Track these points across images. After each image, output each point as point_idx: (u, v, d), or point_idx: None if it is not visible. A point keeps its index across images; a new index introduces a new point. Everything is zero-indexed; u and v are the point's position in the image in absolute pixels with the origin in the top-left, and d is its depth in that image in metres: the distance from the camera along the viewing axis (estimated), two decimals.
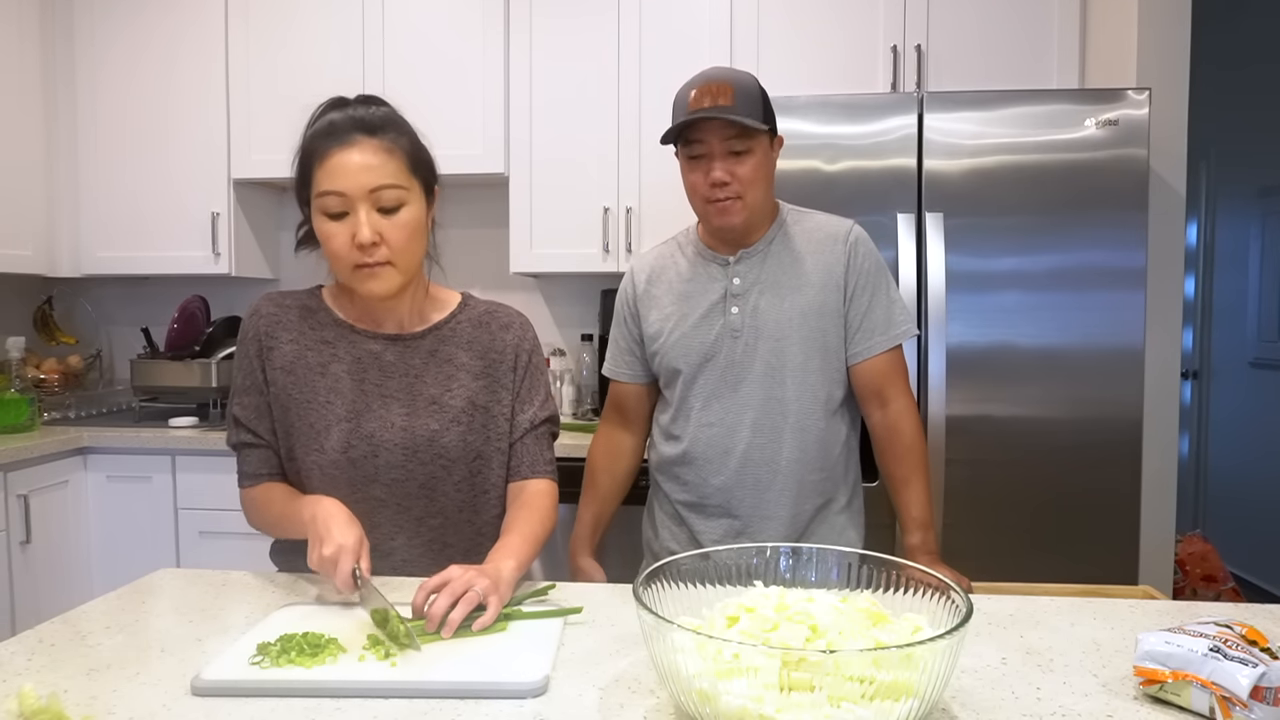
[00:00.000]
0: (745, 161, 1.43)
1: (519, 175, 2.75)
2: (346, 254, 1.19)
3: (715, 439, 1.52)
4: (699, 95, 1.41)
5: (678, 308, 1.55)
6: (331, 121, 1.21)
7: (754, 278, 1.51)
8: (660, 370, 1.58)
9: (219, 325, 2.86)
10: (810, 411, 1.50)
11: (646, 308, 1.58)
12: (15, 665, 0.95)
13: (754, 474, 1.51)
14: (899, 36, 2.57)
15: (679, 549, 1.55)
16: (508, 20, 2.74)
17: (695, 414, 1.53)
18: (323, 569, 1.07)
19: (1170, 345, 2.43)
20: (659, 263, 1.61)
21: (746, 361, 1.50)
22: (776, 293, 1.50)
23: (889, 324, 1.52)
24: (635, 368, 1.63)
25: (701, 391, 1.53)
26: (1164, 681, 0.84)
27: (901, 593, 0.91)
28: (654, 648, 0.79)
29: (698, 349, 1.52)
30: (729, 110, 1.39)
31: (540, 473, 1.33)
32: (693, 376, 1.53)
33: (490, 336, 1.34)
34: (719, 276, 1.53)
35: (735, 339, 1.50)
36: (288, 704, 0.86)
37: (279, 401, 1.27)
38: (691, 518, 1.57)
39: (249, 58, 2.83)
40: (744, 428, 1.50)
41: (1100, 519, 2.17)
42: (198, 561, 2.55)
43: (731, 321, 1.51)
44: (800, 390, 1.50)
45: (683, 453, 1.55)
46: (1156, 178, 2.40)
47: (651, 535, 1.67)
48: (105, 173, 2.91)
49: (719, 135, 1.42)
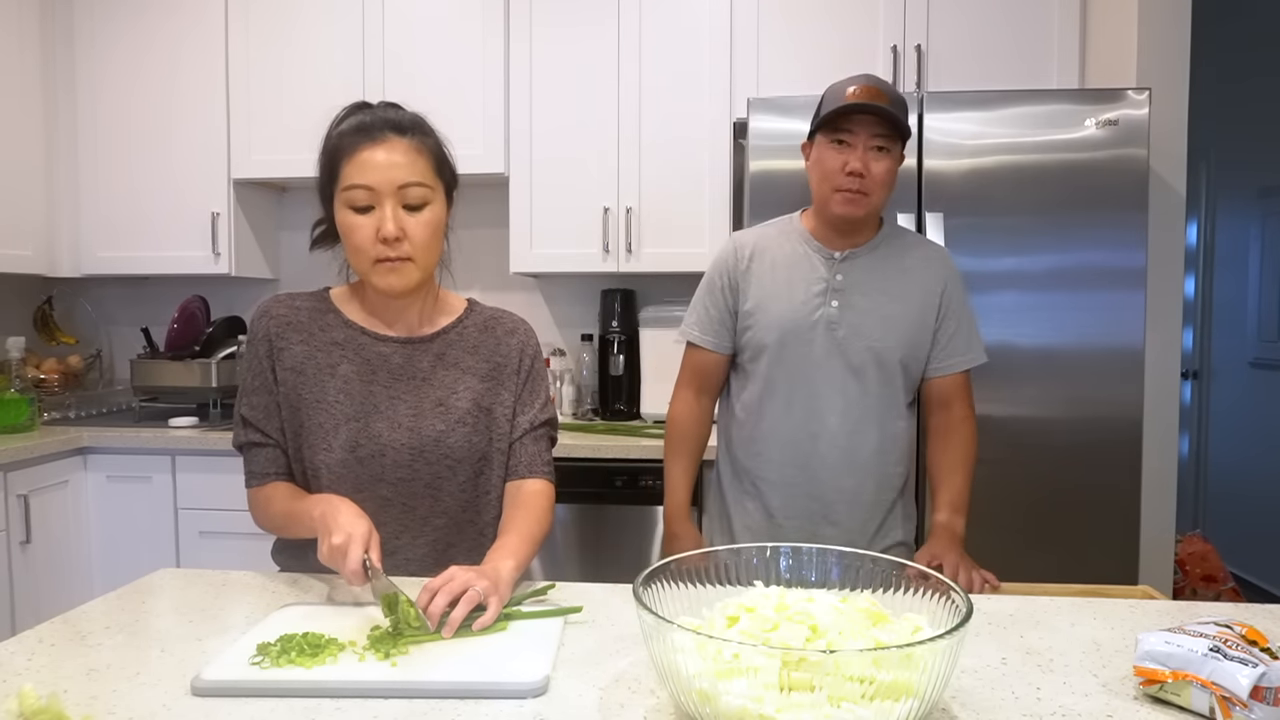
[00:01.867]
0: (883, 160, 1.52)
1: (519, 175, 2.75)
2: (369, 247, 1.21)
3: (801, 421, 1.59)
4: (859, 91, 1.50)
5: (780, 288, 1.60)
6: (362, 120, 1.23)
7: (858, 278, 1.59)
8: (749, 344, 1.63)
9: (219, 325, 2.86)
10: (892, 409, 1.60)
11: (747, 282, 1.63)
12: (15, 665, 0.95)
13: (840, 460, 1.59)
14: (899, 36, 2.57)
15: (751, 523, 1.65)
16: (508, 20, 2.74)
17: (782, 394, 1.60)
18: (332, 559, 1.07)
19: (1170, 345, 2.43)
20: (763, 242, 1.66)
21: (838, 353, 1.57)
22: (878, 297, 1.58)
23: (969, 348, 1.64)
24: (723, 338, 1.68)
25: (791, 373, 1.59)
26: (1164, 681, 0.84)
27: (901, 593, 0.91)
28: (654, 648, 0.79)
29: (794, 332, 1.58)
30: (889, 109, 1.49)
31: (538, 473, 1.34)
32: (782, 357, 1.59)
33: (496, 341, 1.36)
34: (824, 269, 1.60)
35: (831, 331, 1.57)
36: (288, 704, 0.86)
37: (288, 402, 1.28)
38: (769, 493, 1.63)
39: (249, 58, 2.83)
40: (833, 414, 1.58)
41: (1100, 519, 2.17)
42: (198, 561, 2.55)
43: (830, 314, 1.57)
44: (885, 390, 1.59)
45: (766, 431, 1.62)
46: (1156, 178, 2.40)
47: (715, 505, 1.74)
48: (105, 173, 2.91)
49: (867, 130, 1.51)
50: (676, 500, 1.71)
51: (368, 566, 1.05)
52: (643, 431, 2.57)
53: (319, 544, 1.09)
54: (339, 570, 1.06)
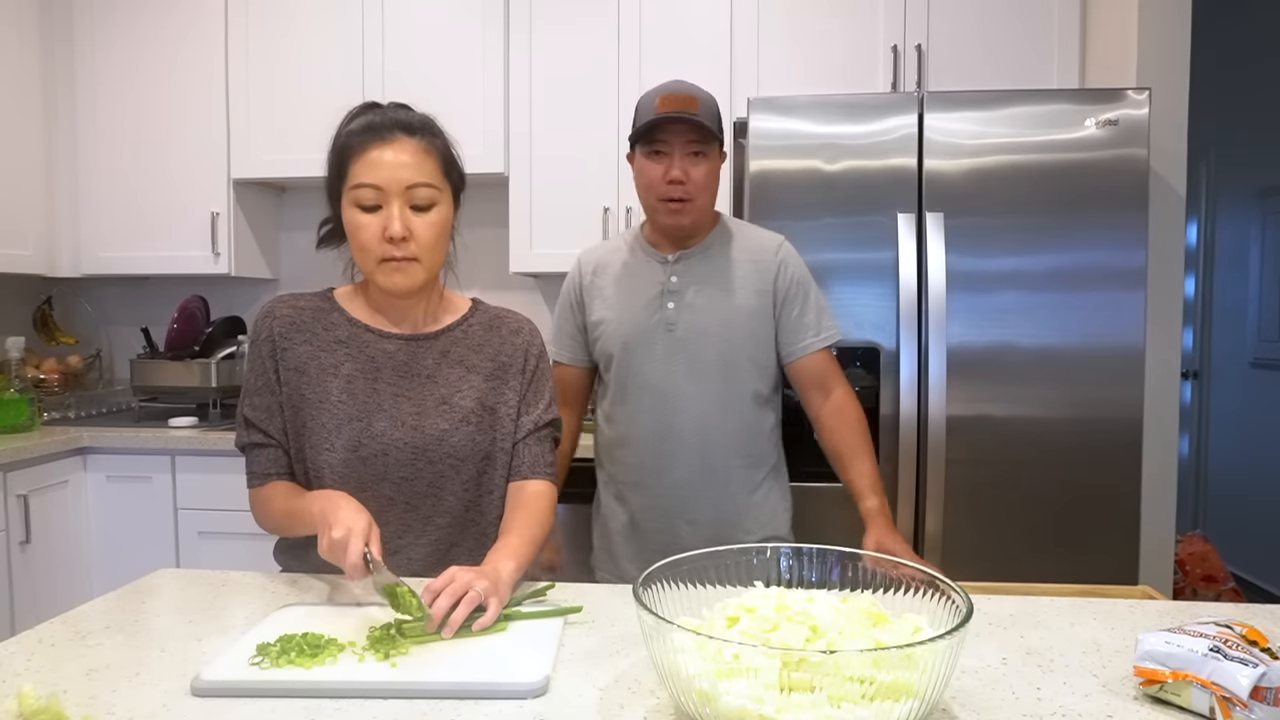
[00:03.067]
0: (700, 164, 1.57)
1: (519, 175, 2.75)
2: (375, 246, 1.22)
3: (651, 424, 1.63)
4: (665, 101, 1.55)
5: (619, 299, 1.67)
6: (371, 120, 1.24)
7: (691, 277, 1.64)
8: (600, 356, 1.70)
9: (219, 325, 2.86)
10: (737, 401, 1.63)
11: (590, 297, 1.70)
12: (15, 665, 0.95)
13: (686, 457, 1.62)
14: (899, 36, 2.57)
15: (618, 527, 1.70)
16: (507, 20, 2.74)
17: (632, 399, 1.65)
18: (332, 554, 1.06)
19: (1170, 345, 2.43)
20: (605, 256, 1.73)
21: (680, 353, 1.62)
22: (711, 292, 1.63)
23: (819, 327, 1.66)
24: (577, 352, 1.75)
25: (637, 378, 1.64)
26: (1164, 682, 0.84)
27: (901, 593, 0.91)
28: (654, 648, 0.79)
29: (636, 338, 1.63)
30: (697, 116, 1.53)
31: (540, 474, 1.34)
32: (628, 363, 1.64)
33: (501, 340, 1.36)
34: (659, 273, 1.65)
35: (670, 331, 1.62)
36: (288, 704, 0.86)
37: (291, 402, 1.28)
38: (630, 497, 1.68)
39: (249, 58, 2.83)
40: (678, 414, 1.62)
41: (1100, 519, 2.17)
42: (197, 561, 2.54)
43: (668, 315, 1.63)
44: (729, 382, 1.62)
45: (621, 436, 1.67)
46: (1156, 178, 2.40)
47: (595, 511, 1.79)
48: (105, 173, 2.91)
49: (681, 138, 1.56)
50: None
51: (368, 560, 1.05)
52: None
53: (319, 539, 1.08)
54: (339, 565, 1.05)
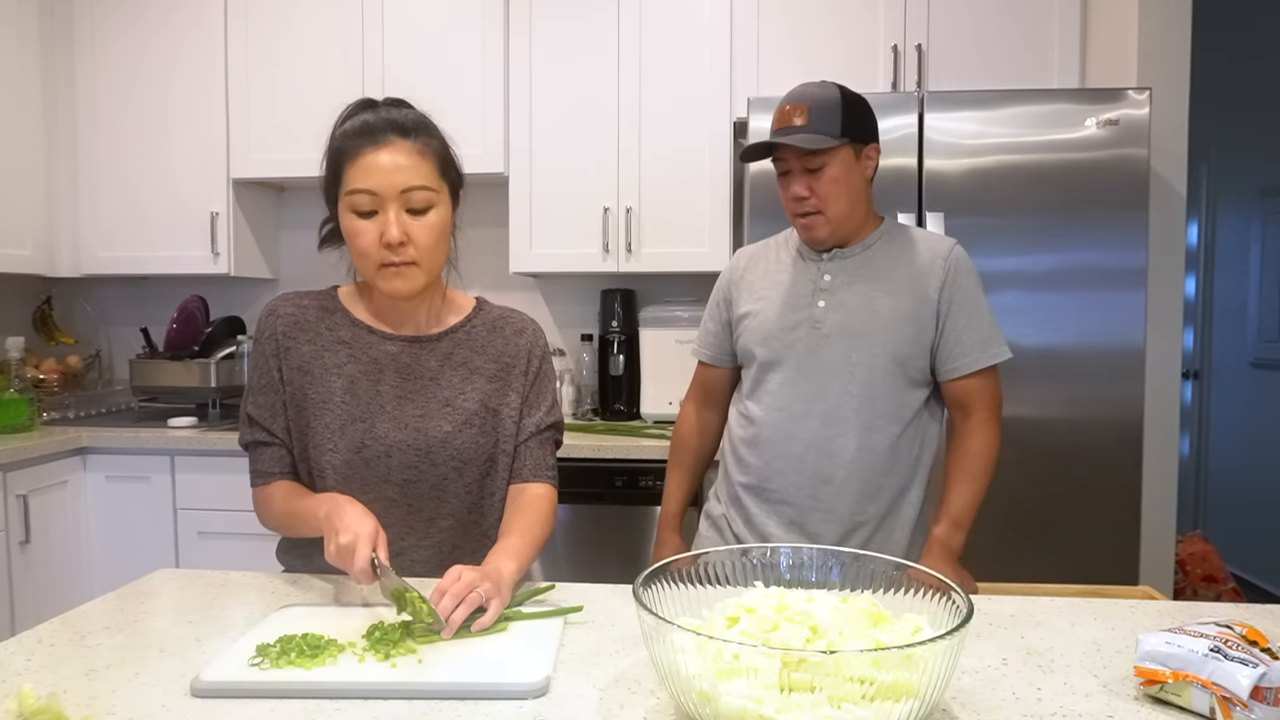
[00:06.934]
0: (821, 176, 1.49)
1: (519, 175, 2.75)
2: (374, 252, 1.20)
3: (783, 424, 1.54)
4: (779, 115, 1.50)
5: (769, 295, 1.59)
6: (366, 121, 1.21)
7: (846, 277, 1.55)
8: (740, 352, 1.63)
9: (218, 325, 2.86)
10: (879, 412, 1.51)
11: (739, 292, 1.64)
12: (15, 665, 0.95)
13: (816, 465, 1.51)
14: (899, 36, 2.57)
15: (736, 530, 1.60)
16: (507, 20, 2.73)
17: (768, 398, 1.56)
18: (340, 559, 1.06)
19: (1170, 345, 2.43)
20: (760, 252, 1.67)
21: (825, 354, 1.52)
22: (865, 293, 1.53)
23: (981, 346, 1.54)
24: (723, 351, 1.69)
25: (776, 377, 1.56)
26: (1164, 682, 0.84)
27: (901, 593, 0.91)
28: (654, 648, 0.78)
29: (778, 335, 1.55)
30: (797, 131, 1.47)
31: (542, 477, 1.33)
32: (769, 362, 1.56)
33: (504, 340, 1.35)
34: (811, 270, 1.57)
35: (816, 330, 1.53)
36: (287, 705, 0.86)
37: (294, 401, 1.27)
38: (749, 500, 1.58)
39: (249, 58, 2.82)
40: (813, 417, 1.52)
41: (1100, 519, 2.17)
42: (197, 562, 2.54)
43: (815, 314, 1.54)
44: (871, 390, 1.51)
45: (753, 435, 1.58)
46: (1157, 177, 2.40)
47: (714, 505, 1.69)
48: (105, 173, 2.91)
49: (793, 153, 1.49)
50: (668, 510, 1.73)
51: (376, 565, 1.04)
52: (642, 432, 2.57)
53: (325, 544, 1.08)
54: (347, 570, 1.05)
